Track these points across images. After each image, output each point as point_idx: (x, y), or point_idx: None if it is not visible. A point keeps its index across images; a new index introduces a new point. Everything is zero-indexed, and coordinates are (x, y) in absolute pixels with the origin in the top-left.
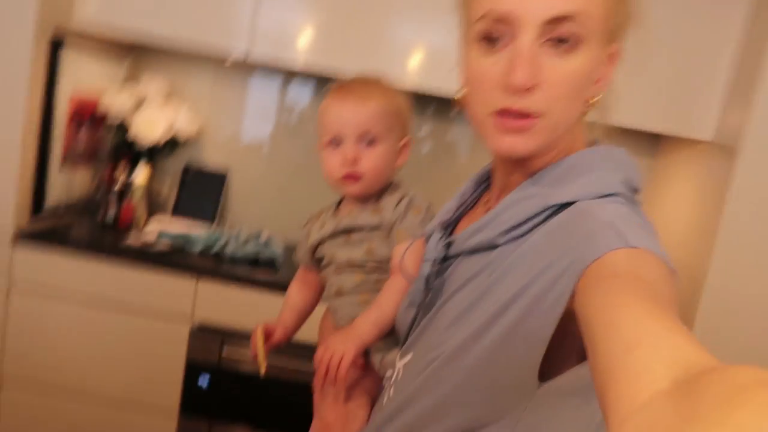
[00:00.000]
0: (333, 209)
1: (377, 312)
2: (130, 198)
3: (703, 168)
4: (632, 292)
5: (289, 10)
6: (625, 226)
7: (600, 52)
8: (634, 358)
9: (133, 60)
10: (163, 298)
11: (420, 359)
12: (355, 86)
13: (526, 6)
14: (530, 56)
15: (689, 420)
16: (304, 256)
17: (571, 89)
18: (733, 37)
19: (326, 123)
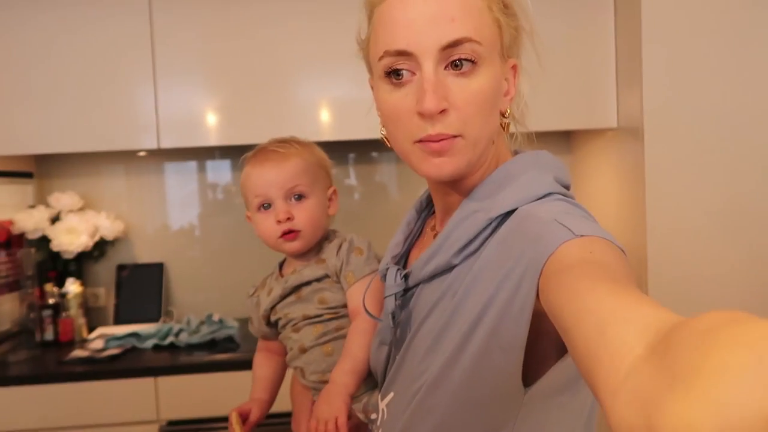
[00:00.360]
0: (276, 273)
1: (350, 360)
2: (66, 311)
3: (617, 153)
4: (592, 276)
5: (189, 95)
6: (568, 220)
7: (500, 68)
8: (608, 337)
9: (42, 175)
10: (124, 404)
11: (403, 395)
12: (272, 148)
13: (419, 39)
14: (435, 82)
15: (671, 376)
16: (259, 325)
17: (481, 106)
18: (609, 29)
19: (252, 189)
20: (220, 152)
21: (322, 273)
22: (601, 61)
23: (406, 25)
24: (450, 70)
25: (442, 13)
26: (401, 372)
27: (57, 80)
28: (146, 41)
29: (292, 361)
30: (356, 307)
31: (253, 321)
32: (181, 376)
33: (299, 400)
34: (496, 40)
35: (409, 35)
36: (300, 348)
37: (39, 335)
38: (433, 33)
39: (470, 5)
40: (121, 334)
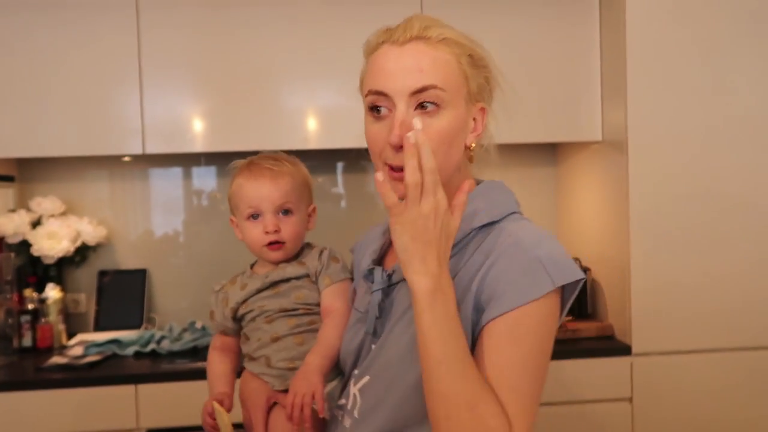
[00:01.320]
0: (248, 271)
1: (325, 346)
2: (45, 317)
3: (602, 166)
4: (489, 365)
5: (176, 101)
6: (552, 264)
7: (465, 110)
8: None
9: (24, 179)
10: (103, 412)
11: (381, 377)
12: (266, 165)
13: (394, 84)
14: (403, 121)
15: None
16: (223, 320)
17: (441, 142)
18: (595, 45)
19: (245, 200)
20: (205, 159)
21: (303, 272)
22: (586, 75)
23: (386, 73)
24: (418, 110)
25: (414, 66)
26: (380, 358)
27: (41, 84)
28: (133, 46)
29: (258, 351)
30: (329, 305)
31: (216, 315)
32: (162, 383)
33: (253, 397)
34: (461, 87)
35: (387, 81)
36: (272, 337)
37: (17, 341)
38: (405, 81)
39: (439, 59)
40: (101, 341)
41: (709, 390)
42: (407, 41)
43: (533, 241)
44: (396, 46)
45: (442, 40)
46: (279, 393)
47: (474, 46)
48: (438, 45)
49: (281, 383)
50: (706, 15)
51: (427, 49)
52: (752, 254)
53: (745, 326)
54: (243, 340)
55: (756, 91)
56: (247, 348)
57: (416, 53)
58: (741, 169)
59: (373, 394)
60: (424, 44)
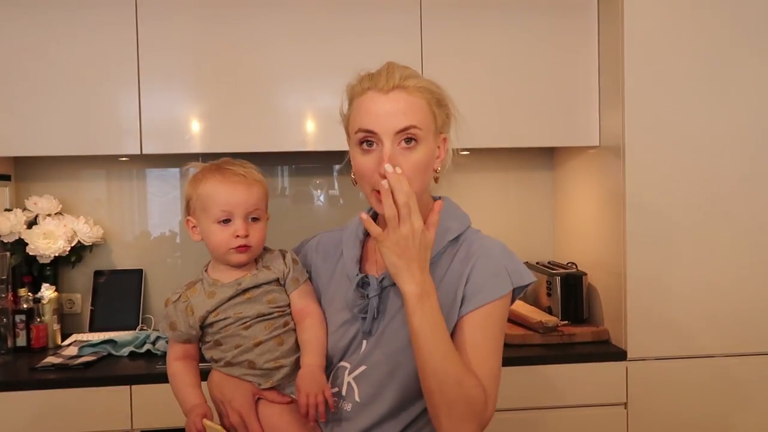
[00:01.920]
0: (209, 278)
1: (319, 346)
2: (40, 317)
3: (598, 170)
4: (468, 348)
5: (173, 102)
6: (514, 269)
7: (433, 142)
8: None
9: (20, 177)
10: (97, 413)
11: (380, 367)
12: (239, 170)
13: (382, 124)
14: (390, 155)
15: None
16: (188, 329)
17: (418, 170)
18: (593, 51)
19: (218, 203)
20: (203, 160)
21: (273, 277)
22: (584, 81)
23: (374, 115)
24: (402, 145)
25: (397, 110)
26: (376, 350)
27: (38, 82)
28: (131, 47)
29: (239, 356)
30: (303, 307)
31: (179, 325)
32: (156, 384)
33: (239, 398)
34: (431, 124)
35: (376, 122)
36: (255, 342)
37: (11, 341)
38: (391, 122)
39: (416, 104)
40: (96, 341)
41: (703, 396)
42: (390, 89)
43: (499, 251)
44: (381, 93)
45: (418, 88)
46: (264, 390)
47: (440, 91)
48: (414, 92)
49: (266, 381)
50: (704, 21)
51: (406, 97)
52: (748, 260)
53: (740, 332)
54: (210, 346)
55: (753, 97)
56: (219, 354)
57: (398, 100)
58: (737, 175)
59: (374, 381)
60: (404, 92)
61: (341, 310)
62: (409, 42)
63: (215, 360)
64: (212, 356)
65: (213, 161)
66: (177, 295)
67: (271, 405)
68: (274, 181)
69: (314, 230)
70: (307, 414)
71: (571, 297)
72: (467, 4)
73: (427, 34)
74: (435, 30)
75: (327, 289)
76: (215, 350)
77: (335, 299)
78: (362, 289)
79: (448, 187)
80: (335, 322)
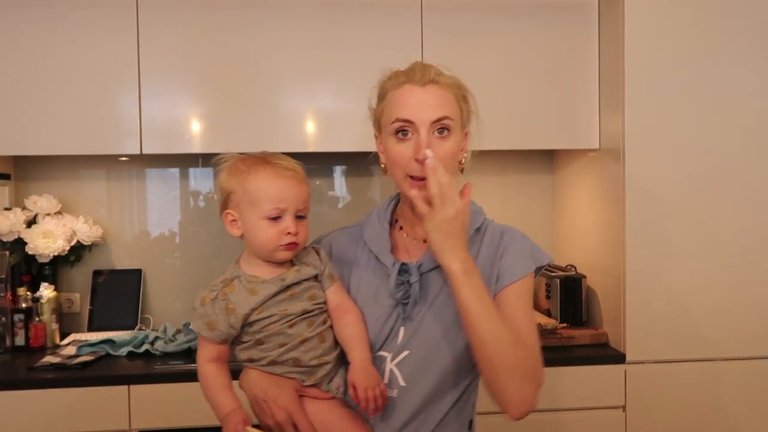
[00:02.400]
0: (245, 277)
1: (364, 340)
2: (38, 316)
3: (598, 173)
4: (510, 317)
5: (174, 102)
6: (535, 251)
7: (460, 135)
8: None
9: (20, 177)
10: (95, 413)
11: (422, 350)
12: (288, 165)
13: (420, 114)
14: (426, 143)
15: None
16: (231, 328)
17: (449, 159)
18: (594, 55)
19: (269, 199)
20: (203, 160)
21: (313, 273)
22: (584, 84)
23: (411, 105)
24: (435, 135)
25: (434, 102)
26: (418, 334)
27: (39, 82)
28: (132, 47)
29: (284, 354)
30: (340, 303)
31: (219, 325)
32: (155, 384)
33: (285, 398)
34: (458, 117)
35: (413, 112)
36: (301, 340)
37: (9, 340)
38: (427, 112)
39: (448, 97)
40: (94, 341)
41: (702, 399)
42: (426, 83)
43: (521, 236)
44: (418, 86)
45: (448, 83)
46: (307, 387)
47: (465, 88)
48: (445, 87)
49: (310, 378)
50: (704, 26)
51: (440, 90)
52: (747, 264)
53: (739, 336)
54: (249, 345)
55: (752, 100)
56: (259, 353)
57: (433, 93)
58: (737, 179)
59: (418, 364)
60: (438, 86)
61: (373, 302)
62: (410, 45)
63: (253, 360)
64: (250, 356)
65: (251, 153)
66: (214, 293)
67: (317, 401)
68: None
69: (314, 231)
70: (365, 408)
71: (570, 300)
72: (468, 8)
73: (427, 37)
74: (436, 33)
75: (351, 284)
76: (254, 350)
77: (363, 292)
78: (401, 276)
79: None
80: (369, 314)
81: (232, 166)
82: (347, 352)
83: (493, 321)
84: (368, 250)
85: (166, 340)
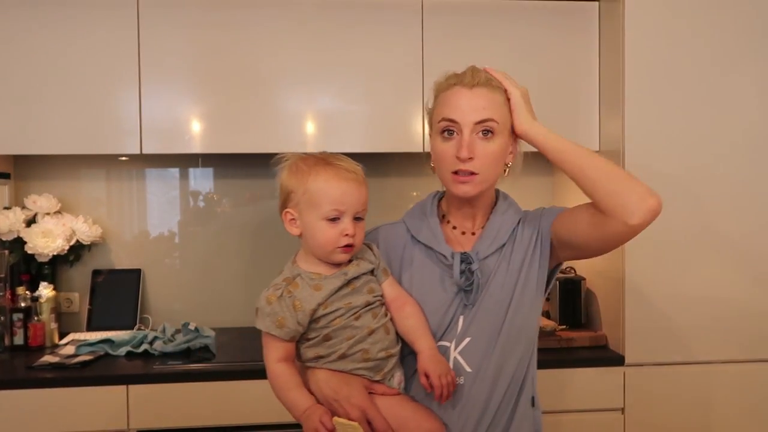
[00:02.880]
0: (307, 274)
1: (428, 330)
2: (37, 316)
3: None
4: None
5: (174, 102)
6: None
7: (508, 138)
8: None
9: (19, 176)
10: (93, 412)
11: (481, 336)
12: (348, 167)
13: (464, 115)
14: (469, 142)
15: None
16: (299, 324)
17: (492, 160)
18: (594, 58)
19: (329, 200)
20: (203, 160)
21: (370, 267)
22: (585, 86)
23: (457, 106)
24: (479, 135)
25: (478, 104)
26: (477, 319)
27: (39, 81)
28: (133, 46)
29: (354, 347)
30: (397, 295)
31: (287, 322)
32: (153, 385)
33: (357, 396)
34: (507, 121)
35: (458, 112)
36: (369, 331)
37: (8, 339)
38: (472, 114)
39: (496, 101)
40: (93, 341)
41: (700, 402)
42: (475, 86)
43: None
44: (466, 88)
45: (499, 87)
46: (374, 383)
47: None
48: (496, 90)
49: (377, 373)
50: (703, 29)
51: (488, 93)
52: (746, 267)
53: (738, 339)
54: (317, 342)
55: (752, 103)
56: (326, 349)
57: (480, 96)
58: (736, 181)
59: (481, 348)
60: (487, 89)
61: (431, 293)
62: (411, 46)
63: (322, 357)
64: (318, 353)
65: (312, 153)
66: (279, 291)
67: (387, 397)
68: (274, 183)
69: None
70: (439, 396)
71: (569, 302)
72: (468, 9)
73: (428, 38)
74: (436, 34)
75: (402, 278)
76: (322, 346)
77: (418, 284)
78: (461, 265)
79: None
80: (428, 305)
81: (292, 165)
82: (412, 343)
83: (592, 154)
84: (419, 244)
85: (165, 340)
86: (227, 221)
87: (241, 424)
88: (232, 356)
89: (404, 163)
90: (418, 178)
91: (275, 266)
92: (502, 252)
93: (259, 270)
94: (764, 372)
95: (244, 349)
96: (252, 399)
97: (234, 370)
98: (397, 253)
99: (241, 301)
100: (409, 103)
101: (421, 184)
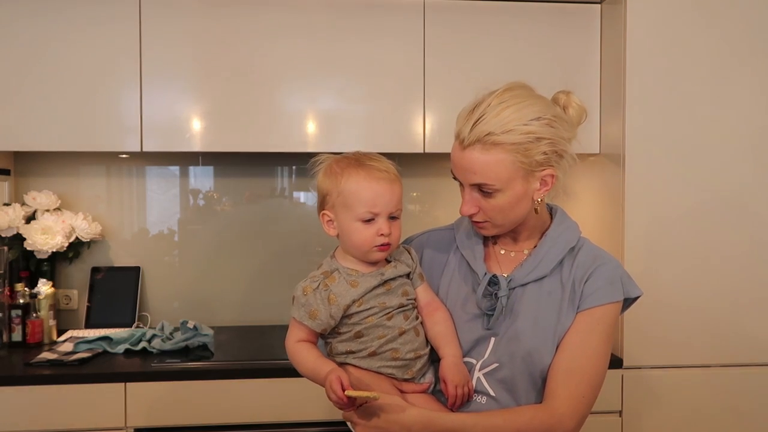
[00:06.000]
0: (345, 270)
1: (455, 338)
2: (36, 312)
3: (599, 177)
4: (576, 346)
5: (175, 100)
6: (626, 280)
7: (525, 184)
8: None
9: (19, 172)
10: (91, 410)
11: (512, 364)
12: (380, 167)
13: (461, 175)
14: (468, 199)
15: None
16: (331, 318)
17: (500, 211)
18: (595, 61)
19: (362, 202)
20: (203, 158)
21: (407, 270)
22: (586, 89)
23: (454, 164)
24: (479, 192)
25: (469, 168)
26: (508, 349)
27: (40, 77)
28: (134, 44)
29: (384, 345)
30: (430, 301)
31: (320, 314)
32: (151, 382)
33: (377, 387)
34: (515, 173)
35: (456, 170)
36: (400, 331)
37: (6, 335)
38: (466, 176)
39: (490, 162)
40: (91, 338)
41: (698, 405)
42: (468, 145)
43: (616, 263)
44: (460, 147)
45: (496, 144)
46: (403, 382)
47: (528, 137)
48: (491, 149)
49: (405, 372)
50: (705, 32)
51: (480, 156)
52: (745, 270)
53: (736, 342)
54: (349, 338)
55: (753, 106)
56: (357, 345)
57: (472, 160)
58: (736, 184)
59: (507, 378)
60: (480, 150)
61: (460, 308)
62: (412, 46)
63: (353, 352)
64: (349, 348)
65: (346, 153)
66: (316, 283)
67: (415, 395)
68: (274, 182)
69: (314, 231)
70: (453, 404)
71: None
72: (470, 10)
73: (429, 38)
74: (438, 34)
75: (441, 285)
76: (353, 342)
77: (453, 296)
78: (489, 287)
79: (450, 190)
80: (456, 318)
81: (327, 167)
82: (438, 348)
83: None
84: (460, 255)
85: (164, 338)
86: (227, 220)
87: (238, 423)
88: (231, 355)
89: (405, 163)
90: (419, 178)
91: (275, 265)
92: (542, 284)
93: (259, 269)
94: (762, 376)
95: (243, 348)
96: (250, 398)
97: (232, 369)
98: (441, 259)
99: (240, 299)
100: (410, 103)
101: (422, 184)
